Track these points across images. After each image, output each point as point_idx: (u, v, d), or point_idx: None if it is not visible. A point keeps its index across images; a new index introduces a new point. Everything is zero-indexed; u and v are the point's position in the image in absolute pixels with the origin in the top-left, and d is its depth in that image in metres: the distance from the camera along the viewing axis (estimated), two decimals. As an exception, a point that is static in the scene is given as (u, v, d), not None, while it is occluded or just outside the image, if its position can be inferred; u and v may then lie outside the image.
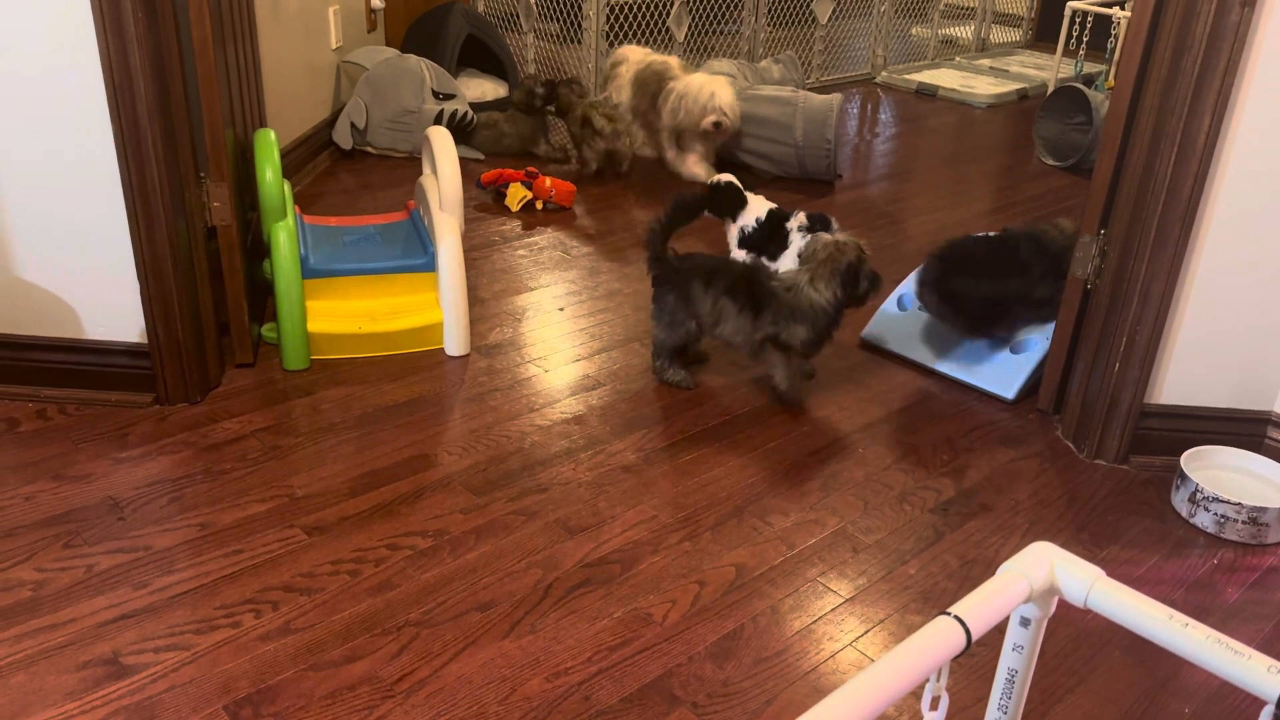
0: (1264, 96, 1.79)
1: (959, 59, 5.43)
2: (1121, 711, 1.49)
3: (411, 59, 3.58)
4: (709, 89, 3.28)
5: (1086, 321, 2.08)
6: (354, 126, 3.54)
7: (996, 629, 0.99)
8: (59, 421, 2.01)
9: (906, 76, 5.01)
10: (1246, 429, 2.06)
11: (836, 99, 3.47)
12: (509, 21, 4.50)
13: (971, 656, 1.56)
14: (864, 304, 2.15)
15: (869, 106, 4.68)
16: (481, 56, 4.15)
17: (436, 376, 2.25)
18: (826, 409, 2.21)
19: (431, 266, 2.39)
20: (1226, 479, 1.98)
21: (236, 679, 1.45)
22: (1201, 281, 1.93)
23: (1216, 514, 1.87)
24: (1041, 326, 2.30)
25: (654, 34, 4.26)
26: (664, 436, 2.08)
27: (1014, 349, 2.32)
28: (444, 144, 2.45)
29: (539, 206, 3.21)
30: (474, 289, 2.65)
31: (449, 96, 3.61)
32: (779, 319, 2.11)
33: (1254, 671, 0.88)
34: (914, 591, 1.70)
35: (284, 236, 2.16)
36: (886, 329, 2.47)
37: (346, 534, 1.75)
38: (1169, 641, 0.93)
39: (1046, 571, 0.99)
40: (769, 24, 4.69)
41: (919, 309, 2.46)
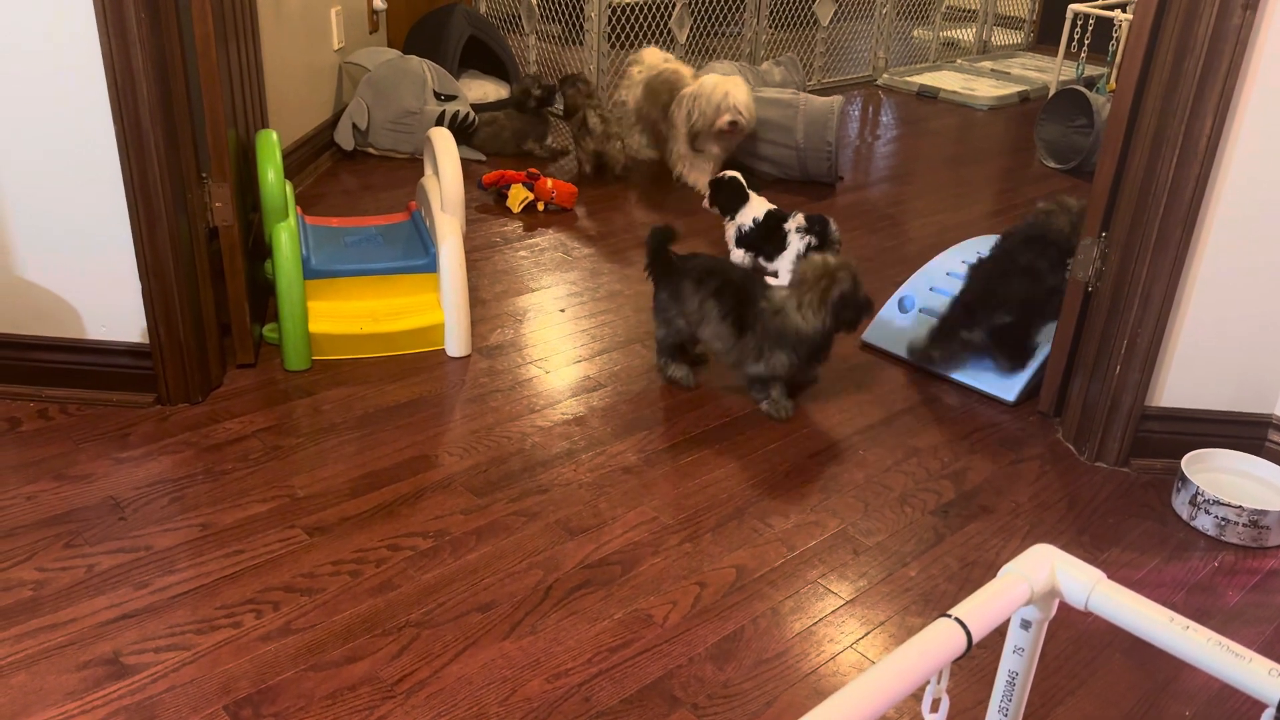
0: (1266, 99, 1.79)
1: (960, 61, 5.43)
2: (1122, 714, 1.49)
3: (413, 60, 3.58)
4: (723, 88, 3.25)
5: (1087, 324, 2.09)
6: (356, 127, 3.54)
7: (997, 631, 0.99)
8: (60, 421, 2.01)
9: (908, 79, 5.02)
10: (1247, 432, 2.06)
11: (838, 101, 3.47)
12: (511, 23, 4.50)
13: (972, 659, 1.56)
14: (854, 330, 2.10)
15: (870, 109, 4.68)
16: (483, 58, 4.16)
17: (437, 377, 2.25)
18: (827, 411, 2.21)
19: (433, 267, 2.39)
20: (1227, 482, 1.98)
21: (237, 679, 1.45)
22: (1203, 284, 1.93)
23: (1217, 517, 1.87)
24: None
25: (656, 36, 4.27)
26: (665, 438, 2.08)
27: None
28: (445, 145, 2.45)
29: (540, 208, 3.21)
30: (475, 290, 2.65)
31: (451, 98, 3.61)
32: (761, 345, 2.08)
33: (1255, 674, 0.88)
34: (914, 593, 1.70)
35: (285, 237, 2.16)
36: (888, 331, 2.47)
37: (347, 534, 1.75)
38: (1170, 644, 0.93)
39: (1047, 574, 0.99)
40: (770, 26, 4.69)
41: (920, 311, 2.47)
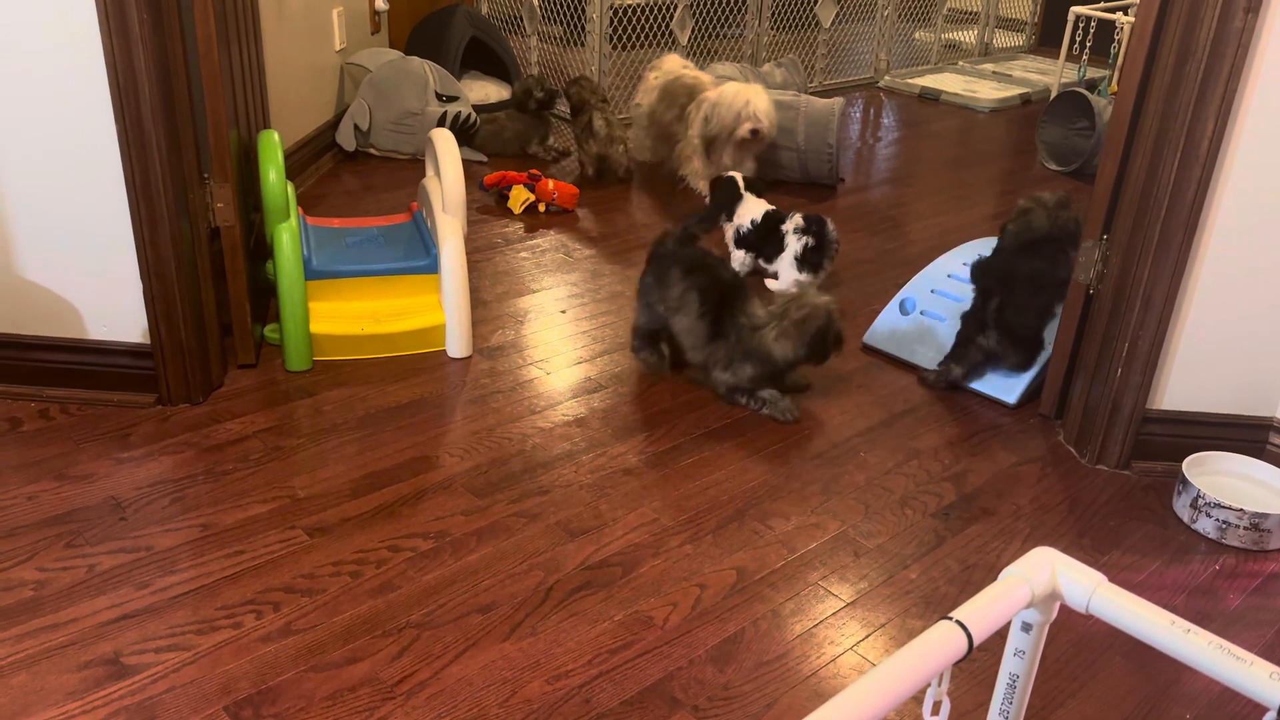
0: (1267, 102, 1.79)
1: (962, 63, 5.43)
2: (1123, 717, 1.49)
3: (415, 61, 3.58)
4: (744, 96, 3.19)
5: (1089, 327, 2.08)
6: (357, 128, 3.54)
7: (998, 634, 0.99)
8: (61, 421, 2.01)
9: (909, 81, 5.02)
10: (1248, 435, 2.06)
11: (839, 103, 3.47)
12: (512, 24, 4.50)
13: (973, 661, 1.56)
14: (825, 362, 2.18)
15: (871, 111, 4.68)
16: (485, 59, 4.16)
17: (438, 378, 2.26)
18: (828, 413, 2.21)
19: (434, 268, 2.39)
20: (1228, 485, 1.98)
21: (237, 680, 1.45)
22: (1204, 287, 1.93)
23: (1218, 520, 1.87)
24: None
25: (657, 37, 4.27)
26: (665, 439, 2.08)
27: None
28: (447, 146, 2.45)
29: (541, 209, 3.21)
30: (476, 291, 2.66)
31: (452, 99, 3.61)
32: (732, 356, 2.14)
33: (1255, 678, 0.88)
34: (915, 596, 1.70)
35: (287, 237, 2.16)
36: (888, 333, 2.47)
37: (348, 535, 1.75)
38: (1171, 647, 0.93)
39: (1048, 577, 0.99)
40: (772, 28, 4.70)
41: (921, 313, 2.47)
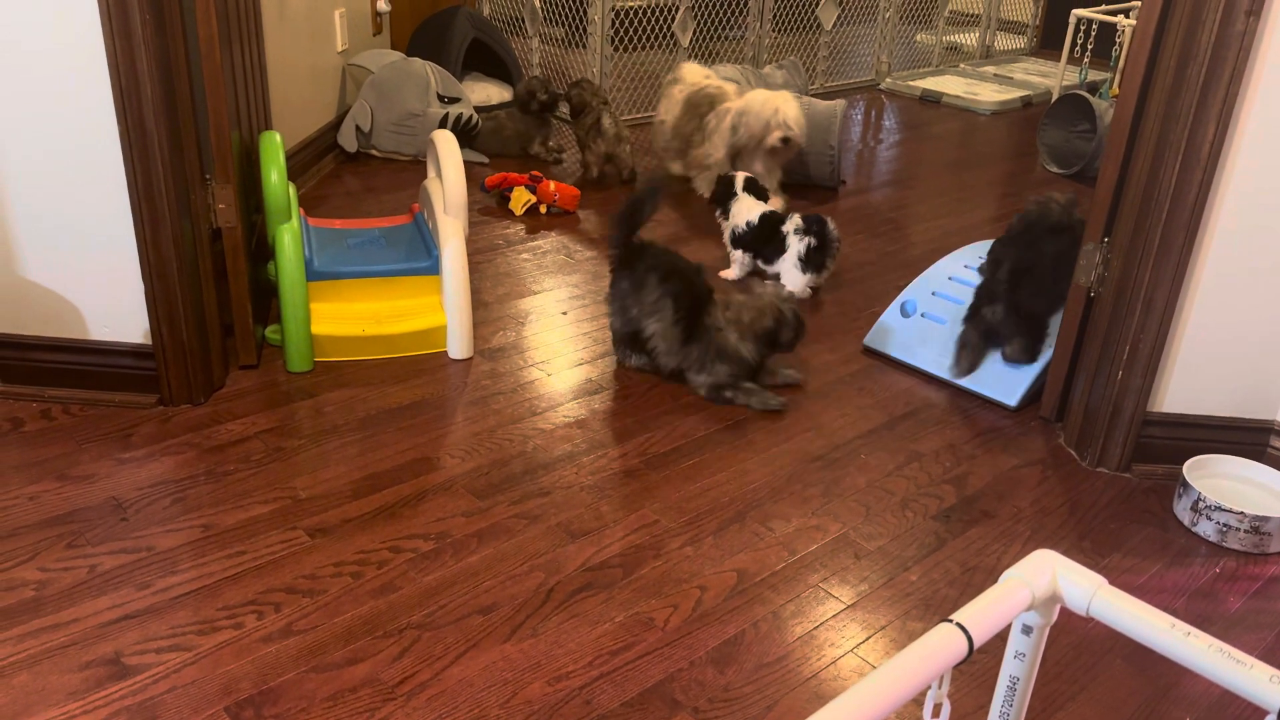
0: (1268, 106, 1.79)
1: (963, 66, 5.44)
2: (1122, 720, 1.49)
3: (416, 62, 3.58)
4: (773, 104, 3.13)
5: (1090, 329, 2.09)
6: (359, 129, 3.55)
7: (998, 636, 0.99)
8: (63, 422, 2.01)
9: (911, 83, 5.02)
10: (1249, 438, 2.06)
11: (840, 105, 3.47)
12: (514, 25, 4.51)
13: (973, 664, 1.56)
14: (791, 349, 2.30)
15: (873, 113, 4.69)
16: (486, 60, 4.16)
17: (439, 379, 2.26)
18: (828, 415, 2.21)
19: (435, 270, 2.39)
20: (1229, 488, 1.98)
21: (238, 680, 1.45)
22: (1205, 290, 1.93)
23: (1219, 523, 1.87)
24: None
25: (659, 39, 4.27)
26: (666, 441, 2.08)
27: (1006, 356, 2.32)
28: (449, 147, 2.45)
29: (543, 210, 3.21)
30: (477, 292, 2.66)
31: (454, 100, 3.62)
32: (704, 358, 2.22)
33: (1256, 681, 0.88)
34: (916, 598, 1.70)
35: (288, 239, 2.16)
36: (889, 335, 2.47)
37: (349, 536, 1.75)
38: (1171, 650, 0.93)
39: (1049, 579, 0.99)
40: (773, 30, 4.70)
41: (922, 315, 2.47)
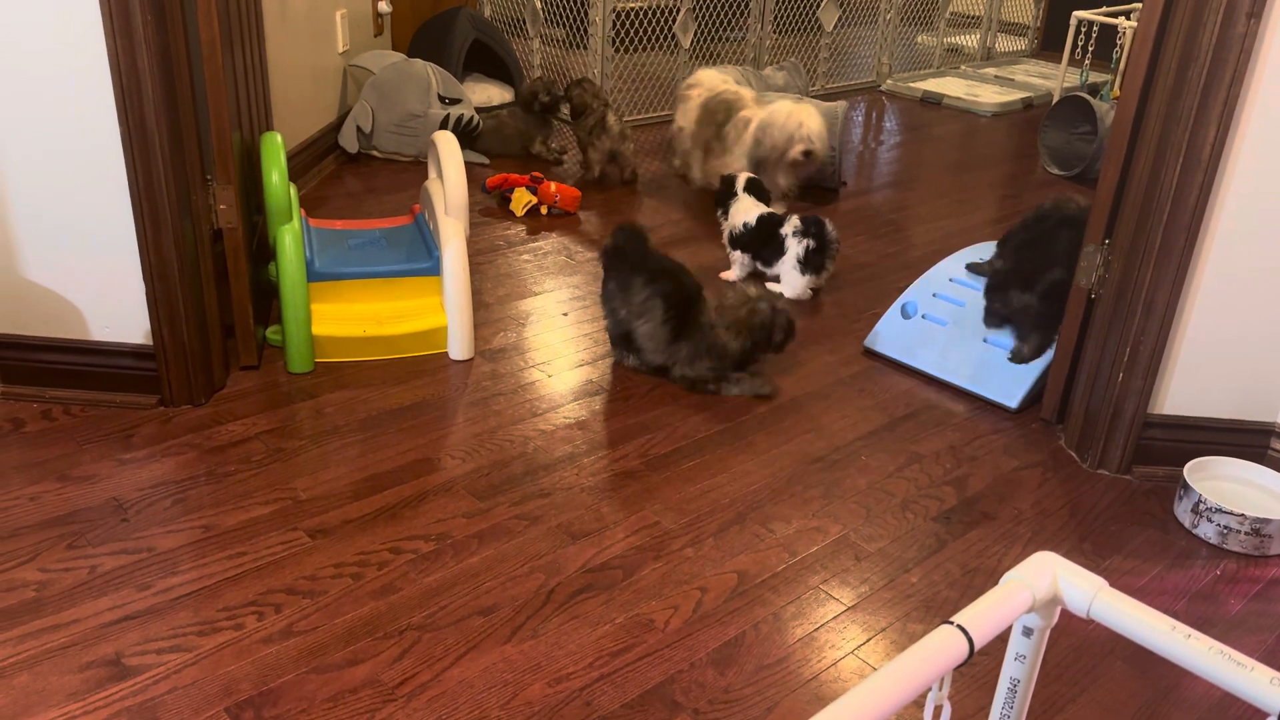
0: (1269, 108, 1.79)
1: (964, 67, 5.44)
2: (1123, 722, 1.49)
3: (418, 63, 3.58)
4: (796, 117, 3.07)
5: (1090, 331, 2.09)
6: (360, 130, 3.55)
7: (999, 638, 0.99)
8: (64, 422, 2.01)
9: (911, 84, 5.02)
10: (1250, 440, 2.06)
11: (841, 106, 3.47)
12: (515, 26, 4.51)
13: (973, 666, 1.56)
14: (782, 351, 2.31)
15: (874, 114, 4.69)
16: (487, 61, 4.17)
17: (440, 380, 2.26)
18: (829, 416, 2.21)
19: (436, 271, 2.39)
20: (1229, 490, 1.98)
21: (238, 681, 1.45)
22: (1206, 292, 1.93)
23: (1219, 525, 1.87)
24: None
25: (660, 40, 4.27)
26: (667, 442, 2.08)
27: (1012, 358, 2.32)
28: (449, 148, 2.46)
29: (544, 211, 3.21)
30: (478, 293, 2.66)
31: (455, 101, 3.62)
32: (693, 352, 2.24)
33: (1257, 683, 0.88)
34: (916, 600, 1.70)
35: (289, 239, 2.16)
36: (890, 337, 2.47)
37: (349, 537, 1.75)
38: (1172, 653, 0.93)
39: (1049, 581, 0.99)
40: (774, 31, 4.70)
41: (923, 317, 2.47)
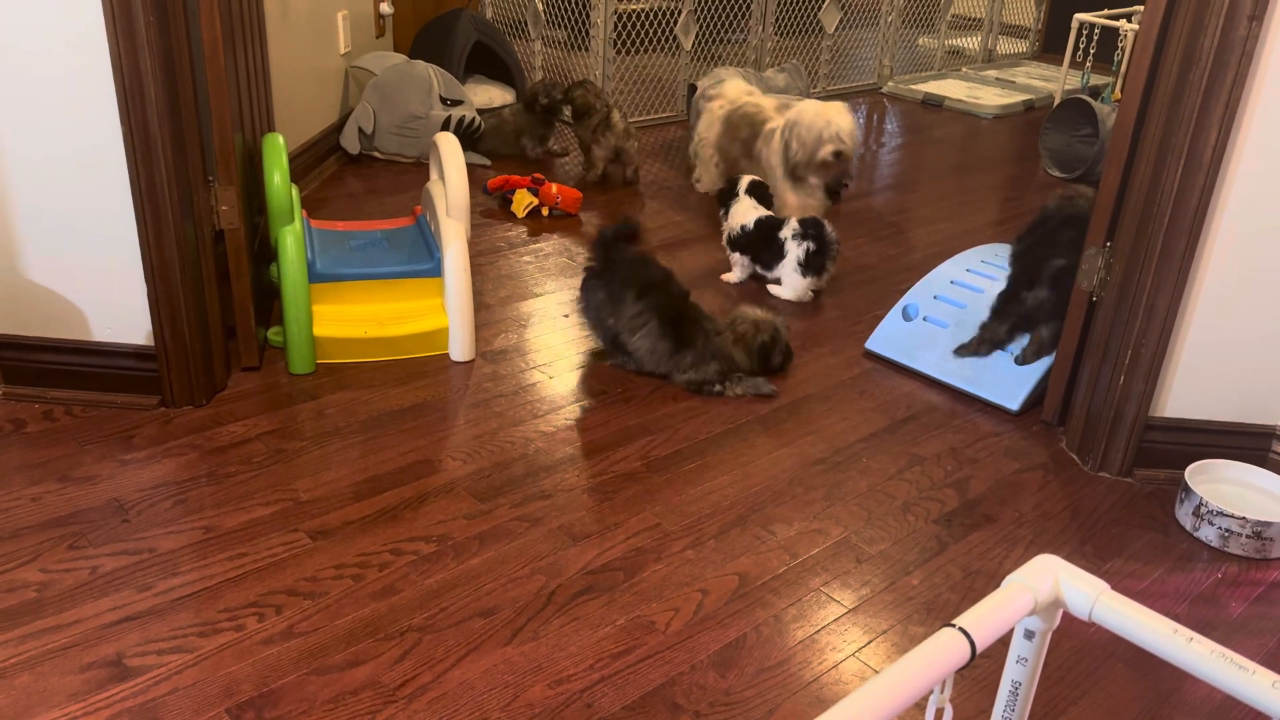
0: (1271, 110, 1.79)
1: (965, 69, 5.44)
2: (1124, 725, 1.49)
3: (419, 65, 3.59)
4: (825, 116, 3.01)
5: (1091, 333, 2.09)
6: (361, 132, 3.55)
7: (1000, 641, 0.99)
8: (65, 423, 2.01)
9: (913, 87, 5.02)
10: (1251, 443, 2.06)
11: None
12: (517, 28, 4.51)
13: (975, 668, 1.55)
14: (780, 371, 2.36)
15: (875, 116, 4.69)
16: (489, 63, 4.17)
17: (441, 382, 2.26)
18: (830, 419, 2.21)
19: (437, 272, 2.39)
20: (1231, 493, 1.98)
21: (239, 682, 1.45)
22: (1207, 295, 1.93)
23: (1220, 528, 1.87)
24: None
25: (662, 42, 4.27)
26: (668, 444, 2.08)
27: (1018, 360, 2.32)
28: (451, 150, 2.46)
29: (545, 213, 3.21)
30: (479, 295, 2.66)
31: (457, 102, 3.62)
32: (699, 358, 2.27)
33: (1258, 687, 0.88)
34: (917, 602, 1.70)
35: (291, 241, 2.16)
36: (891, 339, 2.47)
37: (350, 538, 1.75)
38: (1174, 656, 0.93)
39: (1051, 584, 0.99)
40: (776, 33, 4.70)
41: (924, 319, 2.47)
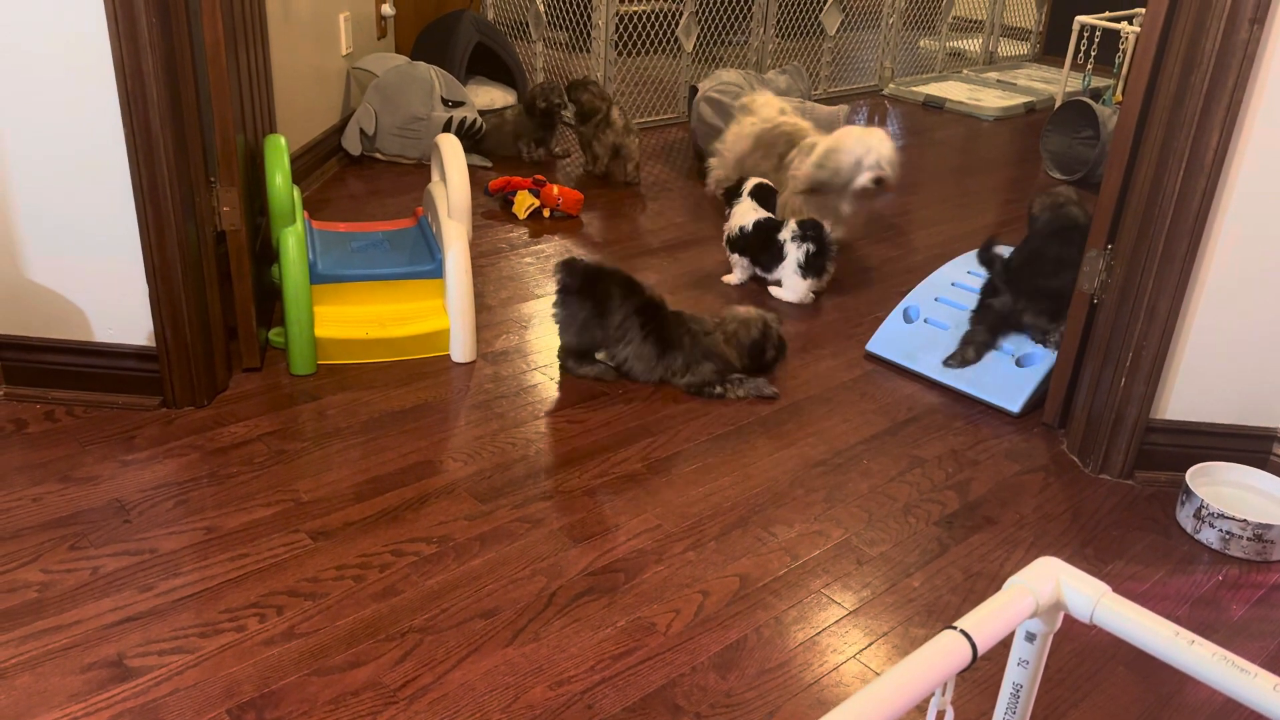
0: (1272, 113, 1.79)
1: (966, 71, 5.44)
2: (1125, 727, 1.49)
3: (421, 66, 3.59)
4: (865, 141, 2.92)
5: (1092, 335, 2.09)
6: (363, 133, 3.55)
7: (1001, 643, 0.99)
8: (67, 423, 2.02)
9: (914, 89, 5.02)
10: (1252, 445, 2.06)
11: (843, 110, 3.47)
12: (518, 30, 4.51)
13: (975, 671, 1.55)
14: (771, 369, 2.35)
15: (876, 118, 4.69)
16: (491, 64, 4.17)
17: (442, 383, 2.26)
18: (831, 420, 2.21)
19: (439, 273, 2.40)
20: (1231, 495, 1.98)
21: (240, 683, 1.45)
22: (1208, 298, 1.93)
23: (1221, 530, 1.87)
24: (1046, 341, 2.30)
25: (663, 44, 4.28)
26: (669, 446, 2.08)
27: (1019, 362, 2.32)
28: (453, 151, 2.46)
29: (546, 214, 3.22)
30: (481, 296, 2.66)
31: (458, 104, 3.62)
32: (689, 361, 2.27)
33: (1259, 689, 0.88)
34: (918, 604, 1.70)
35: (292, 242, 2.16)
36: (892, 341, 2.47)
37: (351, 539, 1.75)
38: (1175, 658, 0.93)
39: (1053, 587, 0.99)
40: (777, 35, 4.70)
41: (925, 321, 2.47)
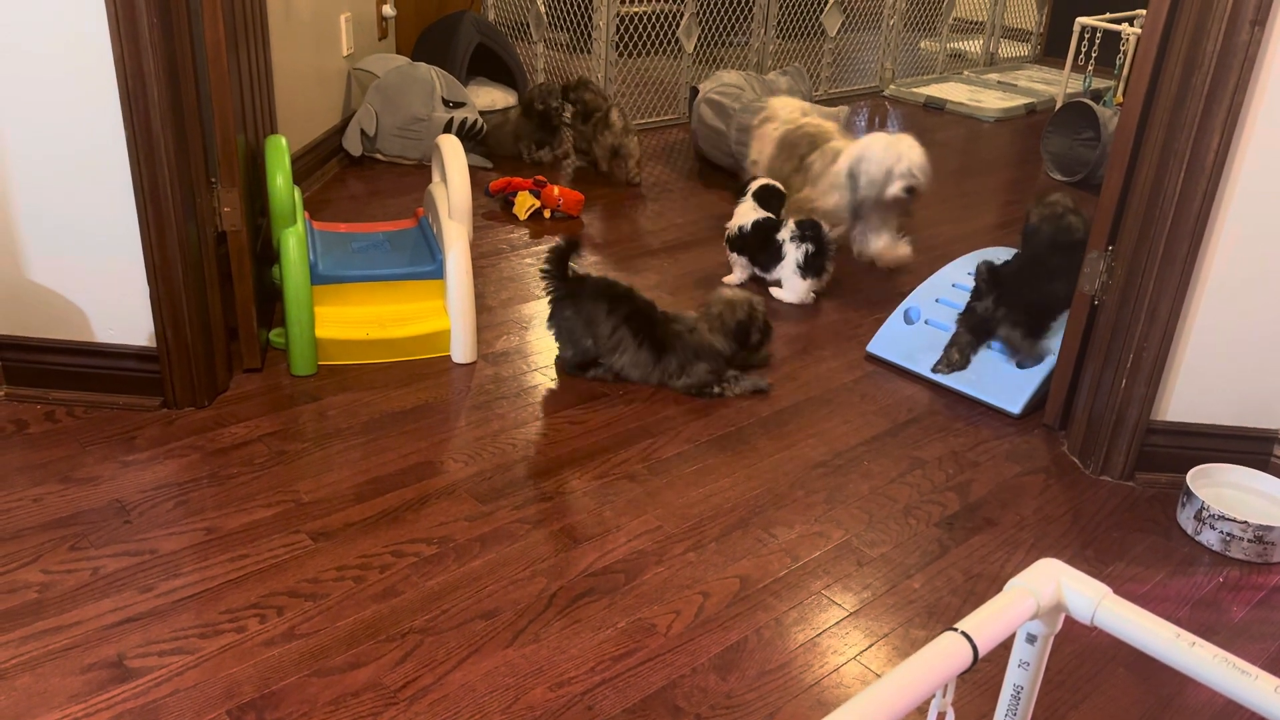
0: (1273, 115, 1.79)
1: (967, 73, 5.44)
2: (1125, 729, 1.49)
3: (422, 67, 3.59)
4: (895, 150, 2.85)
5: (1093, 337, 2.08)
6: (364, 133, 3.55)
7: (1002, 644, 0.99)
8: (67, 424, 2.02)
9: (915, 90, 5.02)
10: (1253, 447, 2.06)
11: (844, 112, 3.47)
12: (519, 30, 4.52)
13: (976, 672, 1.55)
14: (759, 352, 2.38)
15: (876, 120, 4.69)
16: (492, 65, 4.17)
17: (443, 383, 2.26)
18: (832, 421, 2.21)
19: (439, 274, 2.40)
20: (1232, 497, 1.98)
21: (240, 684, 1.45)
22: (1209, 299, 1.93)
23: (1222, 532, 1.86)
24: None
25: (664, 45, 4.28)
26: (669, 447, 2.08)
27: (1020, 364, 2.32)
28: (453, 152, 2.46)
29: (547, 215, 3.22)
30: (481, 296, 2.66)
31: (459, 104, 3.62)
32: (683, 363, 2.27)
33: (1261, 691, 0.88)
34: (918, 606, 1.70)
35: (293, 242, 2.16)
36: (893, 342, 2.47)
37: (352, 540, 1.75)
38: (1176, 660, 0.93)
39: (1054, 588, 0.99)
40: (778, 36, 4.70)
41: (925, 322, 2.47)
